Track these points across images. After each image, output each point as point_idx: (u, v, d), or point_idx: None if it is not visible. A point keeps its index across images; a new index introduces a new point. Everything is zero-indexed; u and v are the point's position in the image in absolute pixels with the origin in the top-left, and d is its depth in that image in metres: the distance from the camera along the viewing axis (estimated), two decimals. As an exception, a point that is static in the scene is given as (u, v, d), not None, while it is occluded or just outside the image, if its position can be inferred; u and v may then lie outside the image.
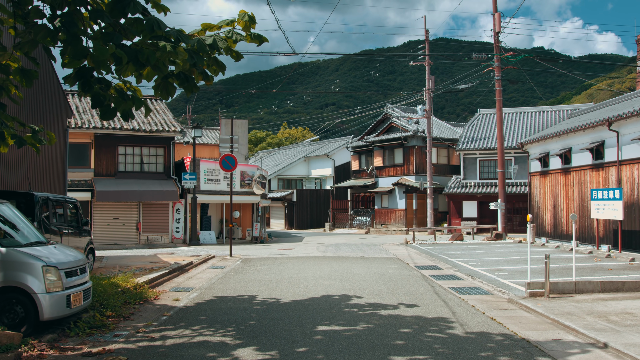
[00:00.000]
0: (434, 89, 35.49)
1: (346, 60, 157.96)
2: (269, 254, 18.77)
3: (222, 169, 17.58)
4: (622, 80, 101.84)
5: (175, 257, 17.68)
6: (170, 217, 25.34)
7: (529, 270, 9.93)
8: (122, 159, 25.17)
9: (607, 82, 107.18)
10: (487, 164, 35.07)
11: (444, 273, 13.20)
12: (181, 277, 12.66)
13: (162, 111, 27.44)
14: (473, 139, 35.82)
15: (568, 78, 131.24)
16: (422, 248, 20.65)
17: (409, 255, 17.89)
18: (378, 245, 22.97)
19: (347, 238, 30.27)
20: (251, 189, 28.22)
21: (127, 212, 24.72)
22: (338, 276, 12.44)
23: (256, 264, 15.53)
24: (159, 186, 24.78)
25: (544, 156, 23.40)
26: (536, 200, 24.38)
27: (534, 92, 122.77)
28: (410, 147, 37.64)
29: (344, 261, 15.95)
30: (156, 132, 25.11)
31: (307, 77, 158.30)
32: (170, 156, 25.84)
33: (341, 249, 20.61)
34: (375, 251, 19.51)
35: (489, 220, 34.62)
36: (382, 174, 39.88)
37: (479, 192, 34.09)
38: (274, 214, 48.78)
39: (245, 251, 20.54)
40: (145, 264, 15.30)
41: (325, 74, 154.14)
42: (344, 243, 24.90)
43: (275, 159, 58.18)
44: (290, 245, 24.66)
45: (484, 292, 10.33)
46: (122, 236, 24.57)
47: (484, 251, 18.89)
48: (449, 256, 17.30)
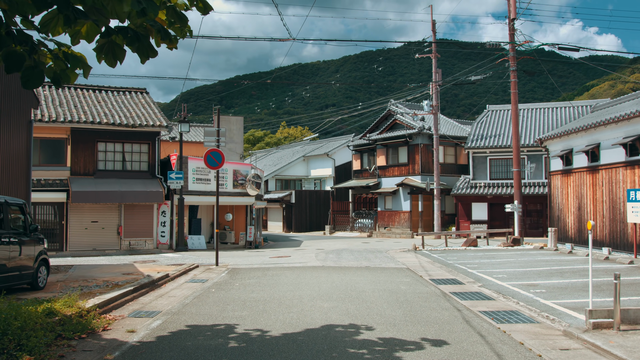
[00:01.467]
0: (442, 83, 33.29)
1: (346, 61, 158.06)
2: (261, 263, 16.53)
3: (207, 166, 15.36)
4: (624, 81, 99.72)
5: (154, 267, 15.46)
6: (154, 220, 23.10)
7: (590, 291, 7.70)
8: (102, 157, 22.93)
9: (610, 82, 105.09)
10: (498, 163, 32.84)
11: (467, 289, 10.96)
12: (149, 296, 10.43)
13: (148, 105, 25.23)
14: (483, 137, 33.60)
15: (569, 79, 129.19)
16: (434, 256, 18.41)
17: (421, 264, 15.65)
18: (383, 251, 20.73)
19: (348, 242, 28.04)
20: (245, 189, 26.01)
21: (107, 214, 22.48)
22: (340, 295, 10.20)
23: (244, 276, 13.30)
24: (143, 186, 22.55)
25: (566, 153, 21.17)
26: (557, 202, 22.16)
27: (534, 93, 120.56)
28: (415, 146, 35.41)
29: (347, 273, 13.71)
30: (139, 126, 22.88)
31: (307, 78, 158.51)
32: (155, 153, 23.61)
33: (343, 257, 18.38)
34: (381, 259, 17.27)
35: (499, 223, 32.41)
36: (386, 174, 37.65)
37: (489, 193, 31.86)
38: (272, 216, 46.55)
39: (235, 259, 18.30)
40: (114, 276, 13.09)
41: (325, 75, 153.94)
42: (346, 249, 22.67)
43: (273, 158, 55.96)
44: (286, 251, 22.42)
45: (527, 320, 8.10)
46: (101, 241, 22.33)
47: (505, 260, 16.65)
48: (467, 266, 15.08)
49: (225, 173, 25.29)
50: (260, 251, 22.93)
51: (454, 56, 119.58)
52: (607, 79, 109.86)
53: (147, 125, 23.04)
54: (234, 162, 27.44)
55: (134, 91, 26.30)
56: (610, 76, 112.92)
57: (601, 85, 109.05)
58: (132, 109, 24.29)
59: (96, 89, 25.53)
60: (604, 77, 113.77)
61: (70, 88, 25.05)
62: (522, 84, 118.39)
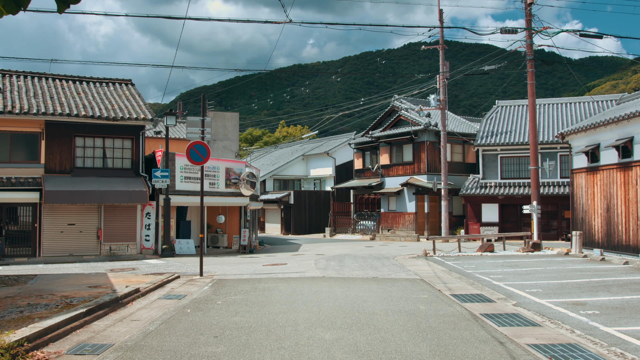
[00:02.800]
0: (450, 75, 31.25)
1: (346, 61, 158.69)
2: (253, 272, 14.47)
3: (191, 162, 13.31)
4: (627, 81, 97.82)
5: (129, 277, 13.42)
6: (138, 222, 21.04)
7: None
8: (80, 153, 20.89)
9: (611, 83, 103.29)
10: (510, 161, 30.80)
11: (500, 310, 8.91)
12: (107, 319, 8.36)
13: (132, 97, 23.17)
14: (493, 134, 31.56)
15: (569, 80, 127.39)
16: (449, 263, 16.34)
17: (436, 274, 13.59)
18: (390, 257, 18.67)
19: (350, 246, 25.98)
20: (238, 189, 23.96)
21: (86, 216, 20.42)
22: (346, 319, 8.14)
23: (230, 290, 11.23)
24: (125, 185, 20.50)
25: (592, 149, 19.12)
26: (581, 203, 20.10)
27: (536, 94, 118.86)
28: (421, 143, 33.36)
29: (352, 286, 11.65)
30: (122, 119, 20.82)
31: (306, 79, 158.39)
32: (139, 150, 21.56)
33: (346, 264, 16.32)
34: (389, 268, 15.20)
35: (511, 225, 30.38)
36: (389, 173, 35.59)
37: (500, 193, 29.82)
38: (269, 217, 44.49)
39: (224, 267, 16.23)
40: (77, 290, 11.05)
41: (325, 76, 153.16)
42: (348, 254, 20.61)
43: (271, 157, 53.91)
44: (283, 257, 20.35)
45: (596, 357, 6.05)
46: (78, 246, 20.27)
47: (531, 269, 14.59)
48: (490, 277, 13.02)
49: (217, 171, 23.27)
50: (255, 257, 20.87)
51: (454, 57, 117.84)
52: (609, 79, 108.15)
53: (131, 118, 20.98)
54: (226, 159, 25.39)
55: (118, 82, 24.25)
56: (612, 76, 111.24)
57: (602, 86, 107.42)
58: (115, 101, 22.25)
59: (76, 79, 23.48)
60: (605, 78, 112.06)
61: (48, 79, 23.00)
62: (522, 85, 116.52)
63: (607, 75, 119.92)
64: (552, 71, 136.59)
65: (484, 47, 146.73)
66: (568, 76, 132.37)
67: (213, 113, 32.67)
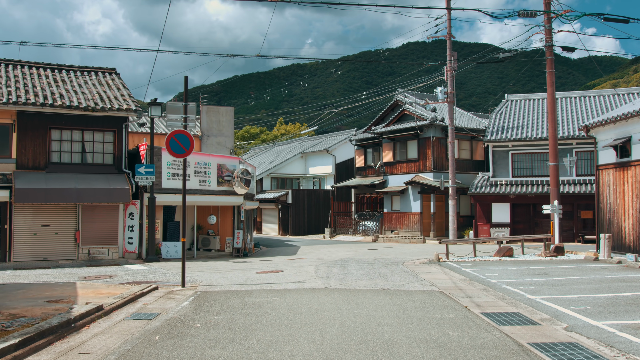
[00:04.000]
0: (457, 67, 29.37)
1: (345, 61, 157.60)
2: (244, 281, 12.57)
3: (171, 153, 11.42)
4: (627, 80, 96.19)
5: (100, 288, 11.53)
6: (120, 223, 19.14)
7: None
8: (57, 147, 18.97)
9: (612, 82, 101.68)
10: (522, 158, 28.94)
11: (550, 336, 7.03)
12: (46, 353, 6.46)
13: (116, 86, 21.26)
14: (504, 129, 29.69)
15: (568, 80, 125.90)
16: (467, 270, 14.45)
17: (456, 285, 11.71)
18: (399, 263, 16.78)
19: (353, 249, 24.09)
20: (232, 187, 22.07)
21: (62, 217, 18.50)
22: (358, 356, 6.25)
23: (213, 307, 9.34)
24: (106, 183, 18.58)
25: (622, 142, 17.24)
26: (608, 202, 18.23)
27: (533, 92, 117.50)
28: (426, 139, 31.48)
29: (361, 301, 9.77)
30: (102, 110, 18.91)
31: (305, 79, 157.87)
32: (122, 144, 19.66)
33: (350, 271, 14.43)
34: (400, 276, 13.31)
35: (523, 226, 28.53)
36: (393, 171, 33.70)
37: (511, 192, 27.96)
38: (266, 217, 42.59)
39: (212, 274, 14.32)
40: (32, 306, 9.20)
41: (323, 76, 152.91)
42: (352, 258, 18.72)
43: (268, 155, 52.00)
44: (279, 262, 18.45)
45: None
46: (54, 250, 18.35)
47: (564, 278, 12.70)
48: (520, 288, 11.14)
49: (208, 167, 21.37)
50: (249, 261, 18.96)
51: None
52: (609, 78, 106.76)
53: (112, 109, 19.07)
54: (218, 154, 23.50)
55: (101, 71, 22.33)
56: (612, 75, 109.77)
57: (603, 85, 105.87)
58: (96, 91, 20.33)
59: (55, 67, 21.55)
60: (606, 77, 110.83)
61: (24, 67, 21.07)
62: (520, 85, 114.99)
63: (606, 74, 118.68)
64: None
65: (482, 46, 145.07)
66: (567, 75, 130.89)
67: (206, 107, 30.82)
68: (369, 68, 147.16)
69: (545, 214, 28.00)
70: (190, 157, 20.91)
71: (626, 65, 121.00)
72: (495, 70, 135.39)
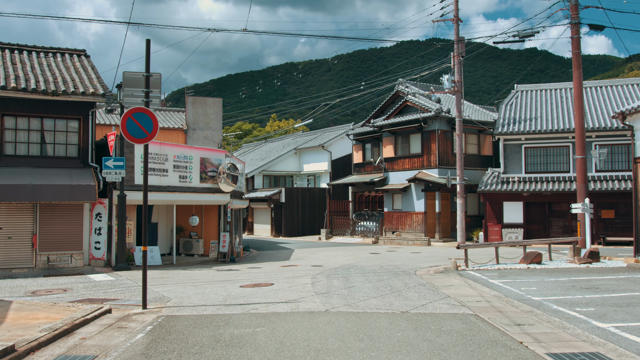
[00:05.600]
0: (465, 54, 26.93)
1: (339, 60, 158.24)
2: (223, 300, 10.03)
3: (128, 137, 8.89)
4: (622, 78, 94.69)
5: (39, 312, 9.00)
6: (86, 226, 16.54)
7: None
8: (11, 137, 16.35)
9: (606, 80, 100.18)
10: (536, 153, 26.55)
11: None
12: None
13: (84, 69, 18.63)
14: (515, 121, 27.29)
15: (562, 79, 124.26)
16: (496, 283, 11.96)
17: (490, 304, 9.24)
18: (409, 271, 14.28)
19: (353, 252, 21.60)
20: (217, 183, 19.53)
21: (17, 218, 15.88)
22: None
23: (173, 347, 6.80)
24: (68, 178, 15.98)
25: (668, 131, 14.84)
26: (648, 200, 15.82)
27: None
28: (431, 132, 29.02)
29: (376, 335, 7.27)
30: (64, 94, 16.29)
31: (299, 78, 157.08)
32: (88, 133, 17.06)
33: (354, 284, 11.92)
34: (417, 291, 10.81)
35: (538, 226, 26.14)
36: (394, 167, 31.23)
37: (525, 189, 25.56)
38: (258, 217, 40.02)
39: (187, 288, 11.76)
40: None
41: (317, 74, 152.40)
42: (353, 265, 16.23)
43: (261, 152, 49.41)
44: (270, 269, 15.90)
45: None
46: (6, 257, 15.73)
47: (623, 293, 10.24)
48: (576, 310, 8.68)
49: (189, 161, 18.81)
50: (234, 269, 16.40)
51: (447, 54, 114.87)
52: (604, 77, 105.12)
53: (76, 92, 16.46)
54: (201, 147, 20.97)
55: (69, 53, 19.67)
56: (607, 74, 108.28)
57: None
58: (60, 73, 17.70)
59: (15, 48, 18.89)
60: (600, 75, 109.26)
61: (-22, 46, 18.41)
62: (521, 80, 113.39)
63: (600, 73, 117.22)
64: (545, 69, 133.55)
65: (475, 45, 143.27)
66: (561, 74, 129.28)
67: (192, 98, 28.27)
68: (363, 67, 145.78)
69: (560, 213, 25.71)
70: (169, 149, 18.35)
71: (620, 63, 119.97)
72: (489, 70, 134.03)
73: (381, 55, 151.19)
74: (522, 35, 18.31)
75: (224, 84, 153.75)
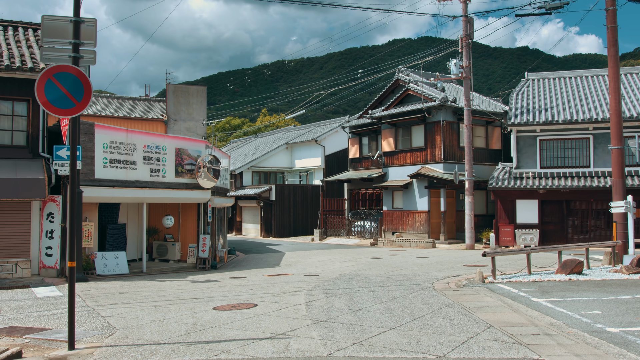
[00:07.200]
0: (473, 37, 24.46)
1: (330, 58, 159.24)
2: (185, 336, 7.36)
3: (45, 105, 6.24)
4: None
5: None
6: (35, 228, 13.80)
7: None
8: (-58, 121, 13.57)
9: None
10: (552, 146, 24.08)
11: None
12: None
13: (37, 44, 15.87)
14: (529, 111, 24.81)
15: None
16: (542, 302, 9.39)
17: (553, 338, 6.67)
18: (425, 283, 11.69)
19: (351, 256, 18.98)
20: (195, 178, 16.84)
21: (-52, 219, 13.12)
22: None
23: None
24: (12, 171, 13.26)
25: None
26: None
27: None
28: (435, 124, 26.47)
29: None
30: (8, 69, 13.55)
31: (290, 75, 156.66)
32: (39, 119, 14.32)
33: (362, 304, 9.32)
34: (447, 317, 8.23)
35: (555, 227, 23.68)
36: (394, 162, 28.65)
37: (540, 186, 23.09)
38: (247, 216, 37.32)
39: (145, 311, 9.07)
40: None
41: (309, 72, 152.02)
42: (355, 275, 13.62)
43: (250, 147, 46.69)
44: (255, 280, 13.24)
45: None
46: None
47: None
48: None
49: (163, 152, 16.12)
50: (213, 279, 13.73)
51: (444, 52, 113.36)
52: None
53: (23, 68, 13.72)
54: (176, 136, 18.29)
55: (23, 26, 16.89)
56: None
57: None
58: (7, 47, 14.94)
59: (-43, 19, 16.11)
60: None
61: None
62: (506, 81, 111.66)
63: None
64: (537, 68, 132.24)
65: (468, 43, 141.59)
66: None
67: (174, 86, 25.64)
68: (355, 65, 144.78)
69: (580, 212, 23.19)
70: (138, 137, 15.64)
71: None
72: (481, 68, 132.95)
73: (373, 54, 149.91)
74: (549, 7, 15.77)
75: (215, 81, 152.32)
